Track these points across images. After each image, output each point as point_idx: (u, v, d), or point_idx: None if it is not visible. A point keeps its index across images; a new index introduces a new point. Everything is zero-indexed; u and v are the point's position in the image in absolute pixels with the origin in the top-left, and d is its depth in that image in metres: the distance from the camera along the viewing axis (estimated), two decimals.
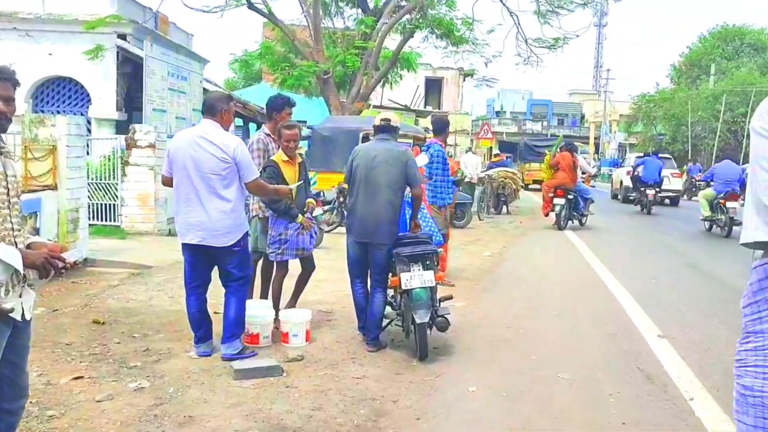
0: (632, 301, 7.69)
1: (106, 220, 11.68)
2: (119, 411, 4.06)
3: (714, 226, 15.05)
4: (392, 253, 5.51)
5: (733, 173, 14.74)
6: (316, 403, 4.32)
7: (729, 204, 14.37)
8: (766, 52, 45.81)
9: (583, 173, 16.52)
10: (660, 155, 23.53)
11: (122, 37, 14.80)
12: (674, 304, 7.75)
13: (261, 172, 5.59)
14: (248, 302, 5.64)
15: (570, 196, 14.80)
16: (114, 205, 11.74)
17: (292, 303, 6.15)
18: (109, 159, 11.92)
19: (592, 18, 55.63)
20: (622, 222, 17.94)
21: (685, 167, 31.22)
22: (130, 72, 15.07)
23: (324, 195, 12.40)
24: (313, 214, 6.23)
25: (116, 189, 11.71)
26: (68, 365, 4.86)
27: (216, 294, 5.56)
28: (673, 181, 23.63)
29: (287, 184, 5.82)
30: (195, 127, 5.33)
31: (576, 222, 15.30)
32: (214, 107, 5.14)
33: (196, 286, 5.24)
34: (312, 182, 11.14)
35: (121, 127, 14.10)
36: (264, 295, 6.19)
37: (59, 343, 5.33)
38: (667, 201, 23.76)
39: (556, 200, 14.72)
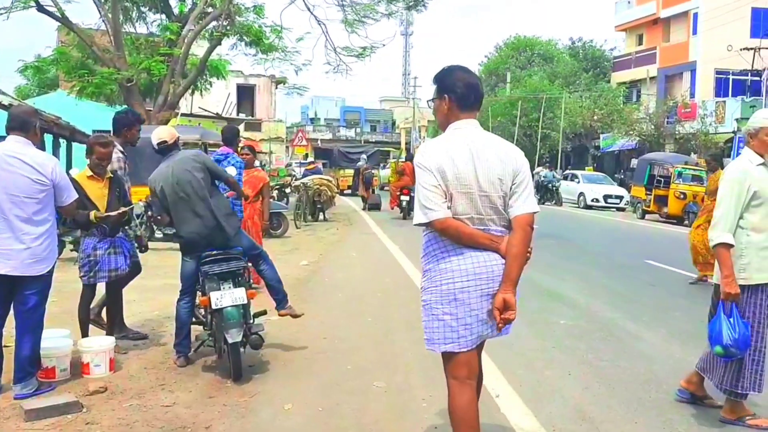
0: None
1: None
2: None
3: None
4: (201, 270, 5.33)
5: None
6: None
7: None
8: (553, 62, 49.88)
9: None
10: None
11: None
12: None
13: None
14: (43, 332, 5.19)
15: (412, 194, 17.61)
16: None
17: (110, 332, 5.85)
18: None
19: (398, 27, 57.62)
20: None
21: None
22: None
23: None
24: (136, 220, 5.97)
25: None
26: None
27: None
28: None
29: (91, 202, 5.51)
30: (0, 144, 4.73)
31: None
32: (27, 123, 4.71)
33: None
34: None
35: None
36: (110, 331, 5.89)
37: None
38: None
39: (402, 197, 19.47)
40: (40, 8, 15.61)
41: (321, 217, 19.44)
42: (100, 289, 5.91)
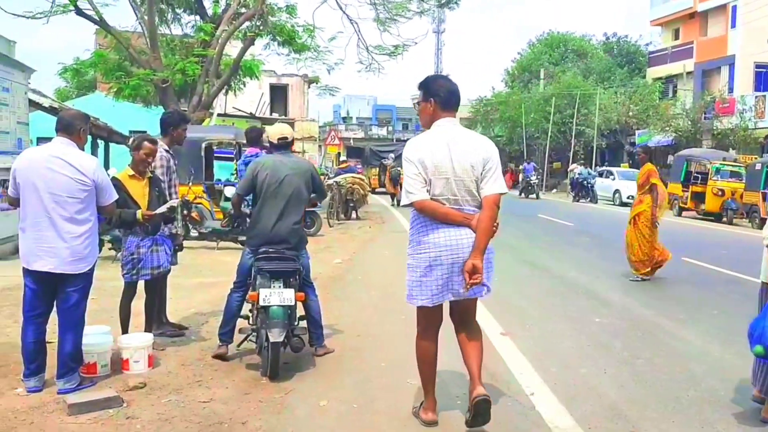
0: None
1: None
2: None
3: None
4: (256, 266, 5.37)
5: None
6: None
7: None
8: (587, 58, 49.31)
9: None
10: None
11: None
12: (515, 301, 8.13)
13: None
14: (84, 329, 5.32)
15: None
16: None
17: (149, 329, 5.95)
18: None
19: (430, 25, 57.43)
20: None
21: (521, 167, 33.01)
22: None
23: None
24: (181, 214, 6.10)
25: None
26: None
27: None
28: None
29: (133, 201, 5.64)
30: (47, 145, 4.88)
31: None
32: (73, 125, 4.84)
33: (37, 315, 4.83)
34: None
35: None
36: (148, 328, 5.97)
37: None
38: None
39: None
40: (79, 12, 15.87)
41: (354, 215, 19.52)
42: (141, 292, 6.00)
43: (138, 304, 5.99)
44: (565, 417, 4.46)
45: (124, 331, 5.76)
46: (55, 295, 4.85)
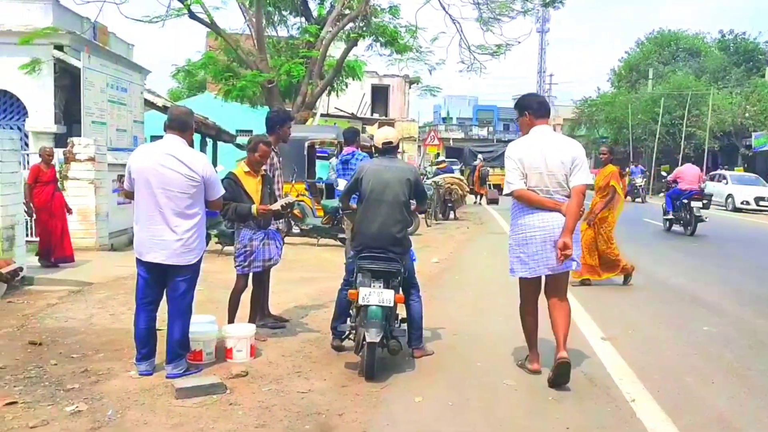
0: (577, 305, 7.79)
1: None
2: None
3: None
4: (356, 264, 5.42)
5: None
6: (260, 420, 4.25)
7: (693, 204, 15.62)
8: (700, 57, 47.20)
9: None
10: None
11: (59, 48, 14.41)
12: (617, 307, 7.90)
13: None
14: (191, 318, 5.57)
15: None
16: None
17: (253, 321, 6.17)
18: None
19: (534, 24, 56.48)
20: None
21: (627, 169, 31.91)
22: (69, 84, 14.67)
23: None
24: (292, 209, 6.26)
25: None
26: (1, 390, 4.68)
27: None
28: None
29: (248, 195, 5.89)
30: (159, 142, 5.14)
31: None
32: (184, 123, 5.09)
33: (149, 302, 5.12)
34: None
35: (61, 141, 13.72)
36: (252, 319, 6.19)
37: None
38: None
39: None
40: (192, 15, 16.54)
41: (452, 215, 19.47)
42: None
43: (243, 296, 6.19)
44: (668, 426, 4.30)
45: (231, 321, 5.98)
46: (165, 284, 5.10)
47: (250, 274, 6.10)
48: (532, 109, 5.23)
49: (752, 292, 9.15)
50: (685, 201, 15.82)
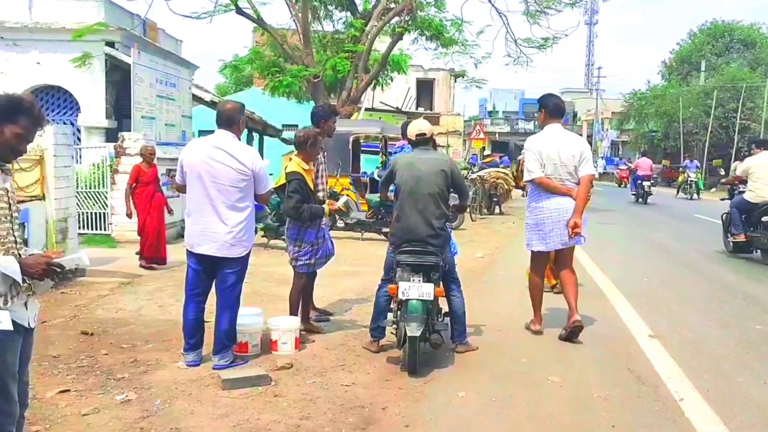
0: (624, 301, 7.69)
1: (95, 229, 11.64)
2: (105, 425, 4.03)
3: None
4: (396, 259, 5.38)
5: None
6: (304, 412, 4.29)
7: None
8: (755, 48, 45.85)
9: None
10: None
11: (110, 44, 14.75)
12: (666, 304, 7.75)
13: (287, 183, 5.80)
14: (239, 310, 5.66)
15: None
16: (104, 213, 11.70)
17: (307, 313, 6.26)
18: (99, 167, 11.88)
19: (582, 17, 55.62)
20: (617, 218, 17.94)
21: (684, 163, 31.01)
22: (119, 79, 15.03)
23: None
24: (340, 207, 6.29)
25: (106, 197, 11.67)
26: (54, 378, 4.82)
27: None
28: None
29: (313, 193, 5.93)
30: (210, 137, 5.26)
31: None
32: (233, 118, 5.16)
33: (198, 294, 5.23)
34: None
35: (112, 135, 14.06)
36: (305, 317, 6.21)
37: (46, 356, 5.28)
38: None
39: None
40: (239, 11, 16.76)
41: (497, 210, 19.33)
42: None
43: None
44: (718, 426, 4.20)
45: (293, 313, 5.99)
46: (214, 276, 5.19)
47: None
48: (548, 108, 6.18)
49: None
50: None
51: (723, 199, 13.26)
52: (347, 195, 12.96)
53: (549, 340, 6.14)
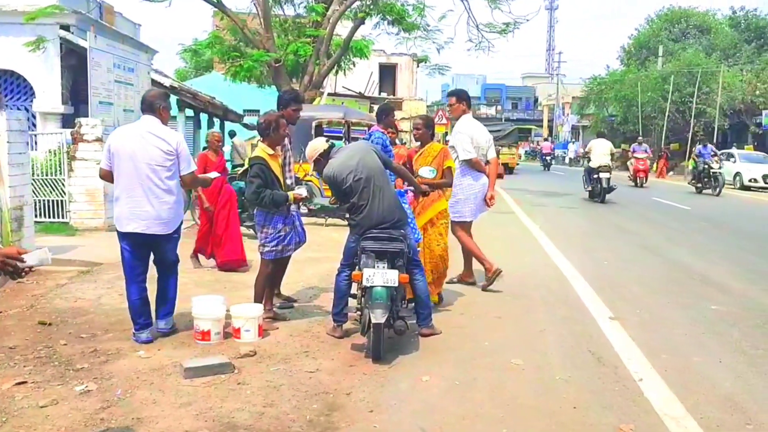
0: (584, 284, 7.80)
1: (53, 217, 11.39)
2: (64, 416, 3.96)
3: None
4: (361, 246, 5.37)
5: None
6: (268, 399, 4.27)
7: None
8: (710, 34, 46.63)
9: None
10: None
11: (65, 28, 14.38)
12: (625, 286, 7.88)
13: (248, 169, 5.85)
14: (199, 298, 5.65)
15: None
16: (61, 201, 11.45)
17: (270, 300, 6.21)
18: (55, 154, 11.61)
19: (543, 1, 55.80)
20: (576, 202, 18.16)
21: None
22: (76, 64, 14.66)
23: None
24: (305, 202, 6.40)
25: (63, 185, 11.42)
26: (11, 370, 4.71)
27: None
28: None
29: (277, 179, 5.86)
30: (137, 122, 5.61)
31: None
32: (153, 104, 5.48)
33: (138, 274, 5.49)
34: None
35: (69, 121, 13.73)
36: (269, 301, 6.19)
37: (2, 347, 5.17)
38: None
39: None
40: None
41: None
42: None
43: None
44: (676, 405, 4.30)
45: (258, 300, 5.95)
46: (149, 256, 5.51)
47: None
48: (468, 101, 7.51)
49: (760, 271, 9.12)
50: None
51: None
52: (311, 181, 12.93)
53: (511, 323, 6.20)
